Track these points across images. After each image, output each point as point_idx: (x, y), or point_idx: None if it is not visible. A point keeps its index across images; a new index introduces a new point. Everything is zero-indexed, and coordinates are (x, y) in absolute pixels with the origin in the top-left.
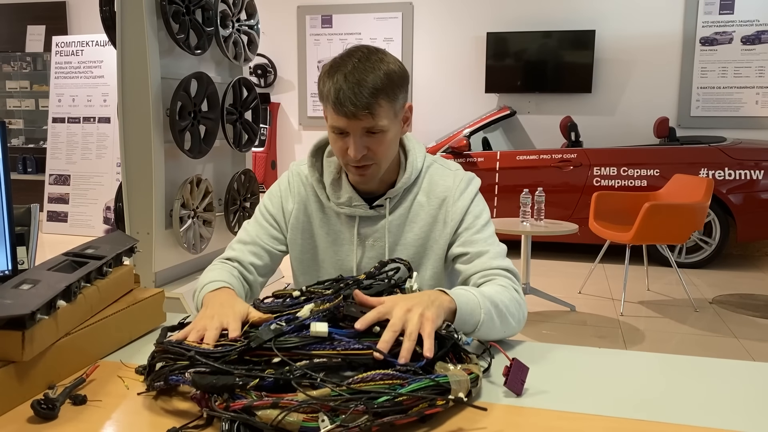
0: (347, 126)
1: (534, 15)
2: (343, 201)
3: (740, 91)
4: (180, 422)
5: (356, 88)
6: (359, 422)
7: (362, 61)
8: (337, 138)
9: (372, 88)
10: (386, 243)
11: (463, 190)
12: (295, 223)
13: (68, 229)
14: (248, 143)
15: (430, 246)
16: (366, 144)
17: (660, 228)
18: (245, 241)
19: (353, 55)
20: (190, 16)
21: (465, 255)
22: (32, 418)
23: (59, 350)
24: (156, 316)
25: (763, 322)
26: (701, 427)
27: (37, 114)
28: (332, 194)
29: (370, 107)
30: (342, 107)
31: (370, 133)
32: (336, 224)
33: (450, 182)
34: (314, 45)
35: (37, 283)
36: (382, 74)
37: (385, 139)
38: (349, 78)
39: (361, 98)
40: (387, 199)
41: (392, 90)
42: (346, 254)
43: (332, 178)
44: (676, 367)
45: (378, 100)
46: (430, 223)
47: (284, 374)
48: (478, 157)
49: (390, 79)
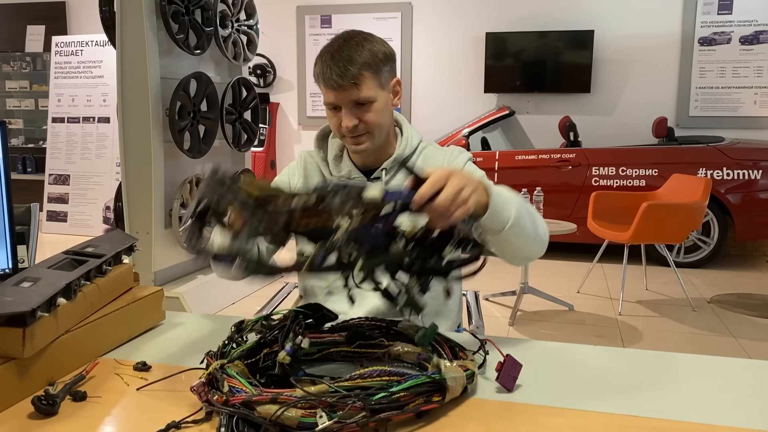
0: (336, 99)
1: (533, 15)
2: (344, 174)
3: (738, 91)
4: (179, 417)
5: (341, 63)
6: (356, 418)
7: (347, 40)
8: (332, 114)
9: (355, 62)
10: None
11: (456, 156)
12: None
13: (68, 229)
14: (247, 143)
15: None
16: (356, 115)
17: (658, 228)
18: None
19: (340, 36)
20: (190, 17)
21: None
22: (33, 414)
23: (59, 347)
24: (155, 314)
25: (760, 321)
26: (698, 423)
27: (37, 114)
28: (334, 168)
29: (355, 78)
30: (330, 81)
31: (358, 104)
32: None
33: (443, 156)
34: (313, 45)
35: (37, 281)
36: (365, 50)
37: (374, 109)
38: (335, 56)
39: (345, 71)
40: (383, 169)
41: (375, 63)
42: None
43: (334, 155)
44: (673, 364)
45: (362, 71)
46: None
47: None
48: (477, 156)
49: (373, 54)
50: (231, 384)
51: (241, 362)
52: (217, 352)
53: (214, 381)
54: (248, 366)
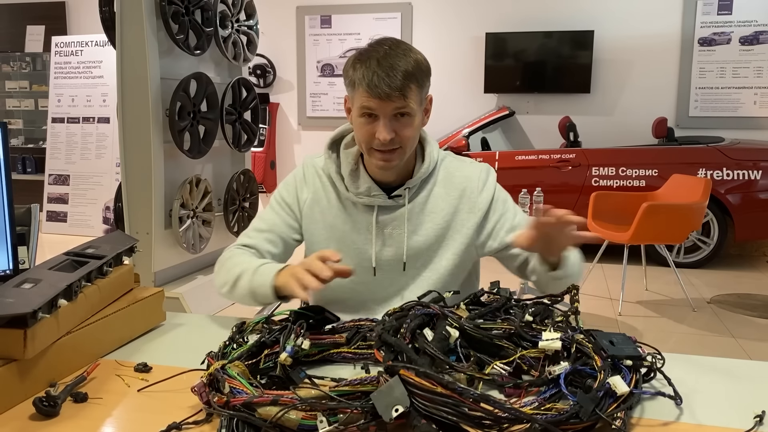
0: (378, 107)
1: (533, 15)
2: (362, 191)
3: (738, 91)
4: (180, 418)
5: (390, 71)
6: (357, 423)
7: (393, 48)
8: (365, 122)
9: (404, 72)
10: (405, 231)
11: (486, 180)
12: (309, 212)
13: (68, 229)
14: (247, 143)
15: (451, 235)
16: (394, 128)
17: (658, 228)
18: (261, 228)
19: (383, 43)
20: (190, 17)
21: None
22: (34, 415)
23: (60, 348)
24: (156, 315)
25: (760, 321)
26: (698, 424)
27: (37, 114)
28: (351, 184)
29: (403, 89)
30: (376, 89)
31: (399, 116)
32: (354, 213)
33: (468, 172)
34: (313, 45)
35: (38, 283)
36: (412, 61)
37: (413, 124)
38: (382, 62)
39: (395, 80)
40: (406, 188)
41: (421, 76)
42: (364, 243)
43: (350, 168)
44: (672, 364)
45: (410, 83)
46: (450, 213)
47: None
48: (477, 157)
49: (419, 66)
50: (232, 385)
51: (241, 363)
52: (218, 352)
53: (214, 381)
54: (249, 367)
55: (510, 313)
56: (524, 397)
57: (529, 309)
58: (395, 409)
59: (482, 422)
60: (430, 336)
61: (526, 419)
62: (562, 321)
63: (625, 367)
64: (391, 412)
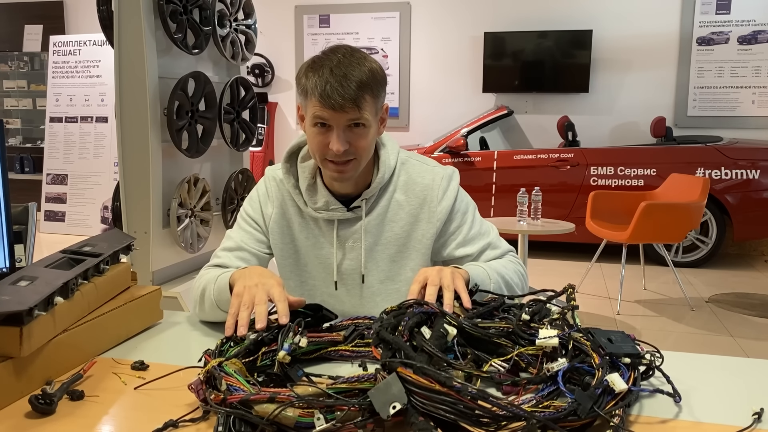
0: (331, 118)
1: (531, 15)
2: (320, 206)
3: (737, 90)
4: (177, 416)
5: (343, 81)
6: (354, 420)
7: (347, 56)
8: (318, 132)
9: (358, 82)
10: (362, 244)
11: (446, 189)
12: (275, 227)
13: (66, 229)
14: (246, 143)
15: (413, 245)
16: (348, 139)
17: (656, 227)
18: (231, 248)
19: (337, 51)
20: (188, 16)
21: (469, 256)
22: (30, 413)
23: (57, 346)
24: (153, 313)
25: (758, 320)
26: (696, 422)
27: (35, 113)
28: (309, 199)
29: (357, 100)
30: (329, 99)
31: (353, 126)
32: (314, 228)
33: (429, 180)
34: (312, 45)
35: (34, 280)
36: (366, 70)
37: (367, 135)
38: (335, 71)
39: (348, 90)
40: (363, 200)
41: (376, 86)
42: (327, 257)
43: (307, 183)
44: (671, 362)
45: (364, 94)
46: (411, 222)
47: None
48: (476, 156)
49: (374, 76)
50: (229, 382)
51: (239, 360)
52: (216, 350)
53: (211, 379)
54: (246, 364)
55: (508, 312)
56: (522, 395)
57: (527, 308)
58: (393, 406)
59: (480, 419)
60: (428, 334)
61: (524, 416)
62: (560, 318)
63: (623, 364)
64: (389, 410)
